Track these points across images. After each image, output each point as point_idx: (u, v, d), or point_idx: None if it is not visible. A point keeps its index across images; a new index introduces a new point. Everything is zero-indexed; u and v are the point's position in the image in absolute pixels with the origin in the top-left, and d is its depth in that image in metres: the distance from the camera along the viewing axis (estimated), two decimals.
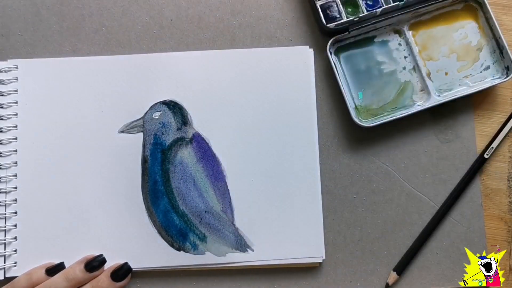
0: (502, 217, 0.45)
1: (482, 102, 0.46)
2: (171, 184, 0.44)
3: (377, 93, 0.45)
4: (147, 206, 0.44)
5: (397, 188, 0.45)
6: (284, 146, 0.44)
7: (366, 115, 0.45)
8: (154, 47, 0.46)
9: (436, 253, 0.44)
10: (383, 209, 0.45)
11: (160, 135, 0.45)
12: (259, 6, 0.47)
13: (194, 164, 0.44)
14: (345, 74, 0.46)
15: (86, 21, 0.46)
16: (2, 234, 0.43)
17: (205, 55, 0.46)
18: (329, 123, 0.46)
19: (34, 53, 0.46)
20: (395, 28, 0.46)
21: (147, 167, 0.44)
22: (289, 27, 0.47)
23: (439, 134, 0.46)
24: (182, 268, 0.43)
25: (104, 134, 0.44)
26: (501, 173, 0.45)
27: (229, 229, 0.43)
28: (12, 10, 0.46)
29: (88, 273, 0.41)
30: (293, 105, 0.45)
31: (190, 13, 0.47)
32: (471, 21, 0.46)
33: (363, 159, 0.45)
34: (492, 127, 0.46)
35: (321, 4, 0.45)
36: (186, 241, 0.43)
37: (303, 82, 0.45)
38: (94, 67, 0.45)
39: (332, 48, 0.46)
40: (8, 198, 0.43)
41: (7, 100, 0.45)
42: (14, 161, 0.44)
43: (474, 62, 0.46)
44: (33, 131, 0.44)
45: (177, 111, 0.45)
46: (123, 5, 0.47)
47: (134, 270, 0.43)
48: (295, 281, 0.44)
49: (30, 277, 0.41)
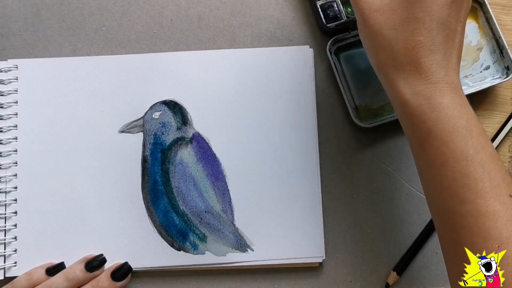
0: None
1: (482, 102, 0.46)
2: (171, 184, 0.44)
3: (377, 93, 0.45)
4: (147, 206, 0.44)
5: (397, 188, 0.45)
6: (284, 146, 0.44)
7: (366, 115, 0.45)
8: (154, 47, 0.46)
9: (436, 253, 0.44)
10: (383, 209, 0.45)
11: (160, 135, 0.45)
12: (259, 6, 0.47)
13: (194, 164, 0.44)
14: (345, 74, 0.46)
15: (86, 21, 0.46)
16: (2, 234, 0.43)
17: (205, 55, 0.46)
18: (329, 123, 0.46)
19: (34, 53, 0.46)
20: None
21: (147, 167, 0.44)
22: (289, 27, 0.47)
23: None
24: (182, 268, 0.43)
25: (104, 134, 0.44)
26: None
27: (229, 229, 0.43)
28: (12, 10, 0.46)
29: (88, 273, 0.41)
30: (293, 105, 0.45)
31: (190, 13, 0.47)
32: (471, 21, 0.46)
33: (363, 159, 0.45)
34: (492, 127, 0.46)
35: (321, 4, 0.45)
36: (186, 241, 0.43)
37: (303, 82, 0.45)
38: (94, 67, 0.45)
39: (332, 48, 0.46)
40: (8, 198, 0.43)
41: (7, 100, 0.45)
42: (14, 161, 0.44)
43: (474, 62, 0.46)
44: (33, 131, 0.44)
45: (177, 111, 0.45)
46: (123, 5, 0.47)
47: (134, 270, 0.43)
48: (295, 281, 0.44)
49: (30, 277, 0.41)
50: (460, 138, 0.32)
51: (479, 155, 0.32)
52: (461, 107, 0.33)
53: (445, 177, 0.33)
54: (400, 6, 0.34)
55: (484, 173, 0.32)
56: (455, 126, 0.32)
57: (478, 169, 0.32)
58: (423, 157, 0.34)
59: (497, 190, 0.32)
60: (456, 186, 0.32)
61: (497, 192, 0.32)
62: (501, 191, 0.32)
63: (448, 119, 0.33)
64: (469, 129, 0.33)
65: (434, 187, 0.34)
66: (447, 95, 0.33)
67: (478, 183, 0.32)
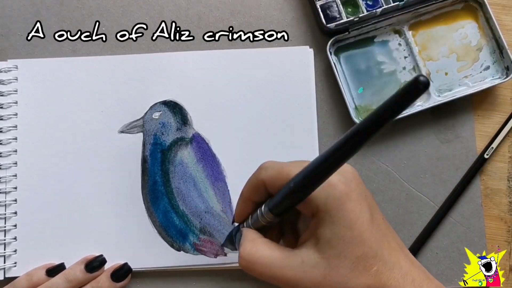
0: (502, 217, 0.45)
1: (482, 102, 0.46)
2: (171, 184, 0.44)
3: (377, 93, 0.45)
4: (147, 206, 0.44)
5: (397, 188, 0.45)
6: (284, 146, 0.44)
7: (366, 115, 0.45)
8: (154, 47, 0.46)
9: (436, 253, 0.44)
10: (383, 209, 0.45)
11: (160, 135, 0.45)
12: (259, 6, 0.47)
13: (194, 164, 0.44)
14: (345, 74, 0.46)
15: (86, 21, 0.46)
16: (2, 234, 0.43)
17: (205, 55, 0.46)
18: (329, 123, 0.46)
19: (34, 53, 0.46)
20: (395, 28, 0.46)
21: (147, 167, 0.44)
22: (289, 27, 0.47)
23: (439, 134, 0.46)
24: (182, 268, 0.43)
25: (104, 134, 0.44)
26: (501, 173, 0.45)
27: (229, 229, 0.43)
28: (12, 10, 0.46)
29: (88, 273, 0.41)
30: (293, 105, 0.45)
31: (190, 13, 0.47)
32: (471, 21, 0.46)
33: (363, 159, 0.45)
34: (492, 127, 0.46)
35: (321, 4, 0.45)
36: (186, 241, 0.43)
37: (303, 82, 0.45)
38: (94, 67, 0.45)
39: (332, 48, 0.45)
40: (8, 198, 0.43)
41: (7, 100, 0.44)
42: (14, 161, 0.44)
43: (474, 62, 0.46)
44: (33, 131, 0.44)
45: (177, 111, 0.45)
46: (123, 5, 0.47)
47: (134, 270, 0.43)
48: None
49: (30, 278, 0.41)
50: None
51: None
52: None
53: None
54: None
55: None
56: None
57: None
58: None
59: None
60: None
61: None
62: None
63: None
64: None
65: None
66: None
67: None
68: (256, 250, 0.32)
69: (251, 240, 0.33)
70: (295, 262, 0.31)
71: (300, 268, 0.31)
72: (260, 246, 0.32)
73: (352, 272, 0.31)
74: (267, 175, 0.33)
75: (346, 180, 0.31)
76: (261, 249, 0.32)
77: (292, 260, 0.31)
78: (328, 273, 0.31)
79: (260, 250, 0.32)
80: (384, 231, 0.33)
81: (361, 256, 0.31)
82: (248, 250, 0.32)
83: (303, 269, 0.31)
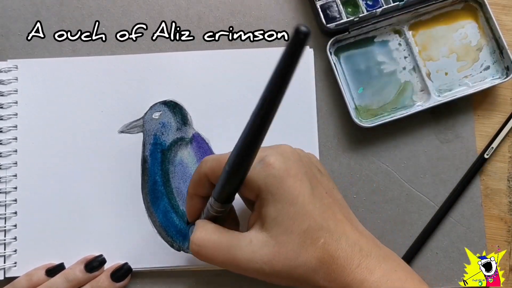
0: (502, 217, 0.45)
1: (482, 102, 0.46)
2: (171, 184, 0.44)
3: (377, 93, 0.45)
4: (147, 206, 0.44)
5: (397, 188, 0.45)
6: None
7: (366, 115, 0.45)
8: (154, 47, 0.46)
9: (436, 253, 0.44)
10: (383, 209, 0.45)
11: (160, 135, 0.45)
12: (259, 6, 0.47)
13: (194, 164, 0.44)
14: (345, 74, 0.46)
15: (86, 21, 0.46)
16: (2, 234, 0.43)
17: (205, 55, 0.46)
18: (329, 123, 0.46)
19: (34, 53, 0.46)
20: (395, 28, 0.46)
21: (147, 167, 0.44)
22: (289, 27, 0.47)
23: (439, 134, 0.46)
24: (182, 268, 0.43)
25: (104, 134, 0.44)
26: (501, 173, 0.45)
27: None
28: (12, 10, 0.46)
29: (88, 273, 0.41)
30: (293, 105, 0.45)
31: (190, 13, 0.47)
32: (471, 21, 0.46)
33: (363, 159, 0.45)
34: (492, 127, 0.46)
35: (321, 4, 0.45)
36: (186, 241, 0.43)
37: (303, 82, 0.45)
38: (94, 67, 0.45)
39: (332, 48, 0.46)
40: (8, 198, 0.43)
41: (7, 100, 0.44)
42: (14, 161, 0.44)
43: (474, 62, 0.46)
44: (33, 131, 0.44)
45: (177, 111, 0.45)
46: (123, 5, 0.47)
47: (134, 270, 0.43)
48: None
49: (30, 278, 0.41)
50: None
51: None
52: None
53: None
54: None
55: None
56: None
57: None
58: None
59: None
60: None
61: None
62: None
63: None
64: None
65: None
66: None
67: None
68: (206, 233, 0.33)
69: (201, 226, 0.34)
70: (244, 242, 0.32)
71: (249, 248, 0.32)
72: (210, 230, 0.33)
73: (300, 246, 0.31)
74: (208, 167, 0.34)
75: (284, 158, 0.32)
76: (210, 233, 0.33)
77: (240, 241, 0.32)
78: (277, 250, 0.31)
79: (210, 234, 0.33)
80: (328, 204, 0.33)
81: (307, 230, 0.31)
82: (197, 235, 0.33)
83: (251, 249, 0.31)
